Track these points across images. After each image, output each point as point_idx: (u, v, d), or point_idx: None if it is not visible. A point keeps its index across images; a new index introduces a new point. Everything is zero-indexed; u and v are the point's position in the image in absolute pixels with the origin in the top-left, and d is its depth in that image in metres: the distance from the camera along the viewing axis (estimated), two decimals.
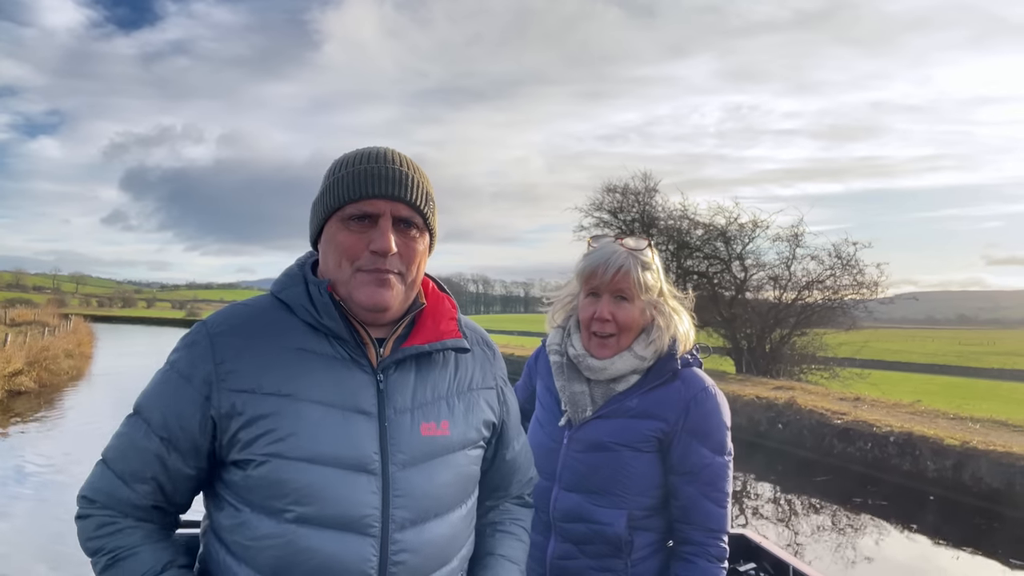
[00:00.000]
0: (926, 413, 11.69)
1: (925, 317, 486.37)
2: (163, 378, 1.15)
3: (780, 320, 20.03)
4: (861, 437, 10.43)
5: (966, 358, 35.25)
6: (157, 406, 1.13)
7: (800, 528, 8.13)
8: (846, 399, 13.29)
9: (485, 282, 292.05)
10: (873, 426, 10.44)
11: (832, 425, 11.01)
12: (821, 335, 19.88)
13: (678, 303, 1.76)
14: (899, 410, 12.04)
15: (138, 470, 1.12)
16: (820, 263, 19.84)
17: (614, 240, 1.73)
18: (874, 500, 8.98)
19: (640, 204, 23.70)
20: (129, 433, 1.15)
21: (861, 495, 9.14)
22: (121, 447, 1.15)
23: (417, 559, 1.12)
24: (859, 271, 19.33)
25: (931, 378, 23.79)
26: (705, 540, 1.63)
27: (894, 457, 9.78)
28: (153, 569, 1.09)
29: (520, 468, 1.40)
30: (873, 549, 7.42)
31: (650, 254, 1.72)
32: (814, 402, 12.40)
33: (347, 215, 1.14)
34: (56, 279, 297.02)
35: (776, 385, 15.16)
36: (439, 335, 1.22)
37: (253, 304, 1.20)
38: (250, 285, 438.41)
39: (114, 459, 1.15)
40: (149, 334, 48.86)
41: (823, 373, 19.46)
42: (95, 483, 1.15)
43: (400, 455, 1.13)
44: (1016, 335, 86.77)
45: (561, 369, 1.77)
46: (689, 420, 1.65)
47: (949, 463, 9.02)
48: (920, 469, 9.36)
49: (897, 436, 9.91)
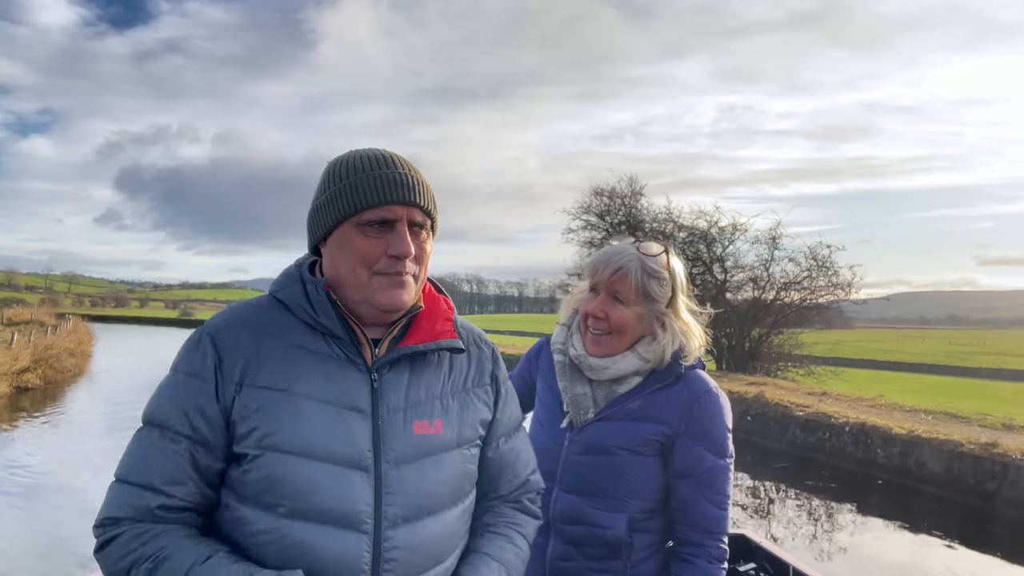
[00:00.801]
0: (884, 406, 12.51)
1: (917, 317, 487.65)
2: (171, 382, 1.15)
3: (759, 319, 20.86)
4: (820, 427, 11.24)
5: (956, 358, 35.72)
6: (174, 408, 1.12)
7: (749, 504, 8.92)
8: (813, 394, 14.11)
9: (479, 282, 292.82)
10: (832, 417, 11.26)
11: (795, 417, 11.82)
12: (797, 334, 20.74)
13: (692, 318, 1.72)
14: (860, 403, 12.86)
15: (170, 474, 1.10)
16: (797, 265, 20.70)
17: (632, 242, 1.71)
18: (825, 483, 9.79)
19: (626, 207, 24.52)
20: (147, 443, 1.12)
21: (814, 479, 9.95)
22: (142, 458, 1.12)
23: (411, 556, 1.13)
24: (834, 272, 20.19)
25: (920, 377, 24.27)
26: (705, 541, 1.63)
27: (849, 445, 10.59)
28: (199, 557, 1.05)
29: (509, 468, 1.36)
30: (814, 525, 8.21)
31: (663, 261, 1.68)
32: (781, 396, 13.22)
33: (364, 220, 1.15)
34: (49, 279, 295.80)
35: (750, 381, 15.95)
36: (434, 335, 1.24)
37: (252, 304, 1.23)
38: (244, 285, 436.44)
39: (134, 472, 1.11)
40: (143, 334, 49.20)
41: (799, 370, 20.31)
42: (116, 502, 1.10)
43: (392, 453, 1.14)
44: (1007, 335, 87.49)
45: (564, 370, 1.76)
46: (692, 423, 1.64)
47: (896, 450, 9.83)
48: (871, 456, 10.16)
49: (852, 426, 10.73)
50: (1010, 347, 48.05)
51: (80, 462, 10.29)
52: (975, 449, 8.89)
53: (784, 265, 20.91)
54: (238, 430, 1.10)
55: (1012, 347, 47.99)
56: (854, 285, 20.12)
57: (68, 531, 7.12)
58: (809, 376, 19.80)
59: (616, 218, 24.39)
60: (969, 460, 8.79)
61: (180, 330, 74.58)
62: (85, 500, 7.93)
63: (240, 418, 1.10)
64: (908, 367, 30.05)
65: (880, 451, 10.07)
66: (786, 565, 2.21)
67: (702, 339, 1.72)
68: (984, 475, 8.57)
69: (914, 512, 8.48)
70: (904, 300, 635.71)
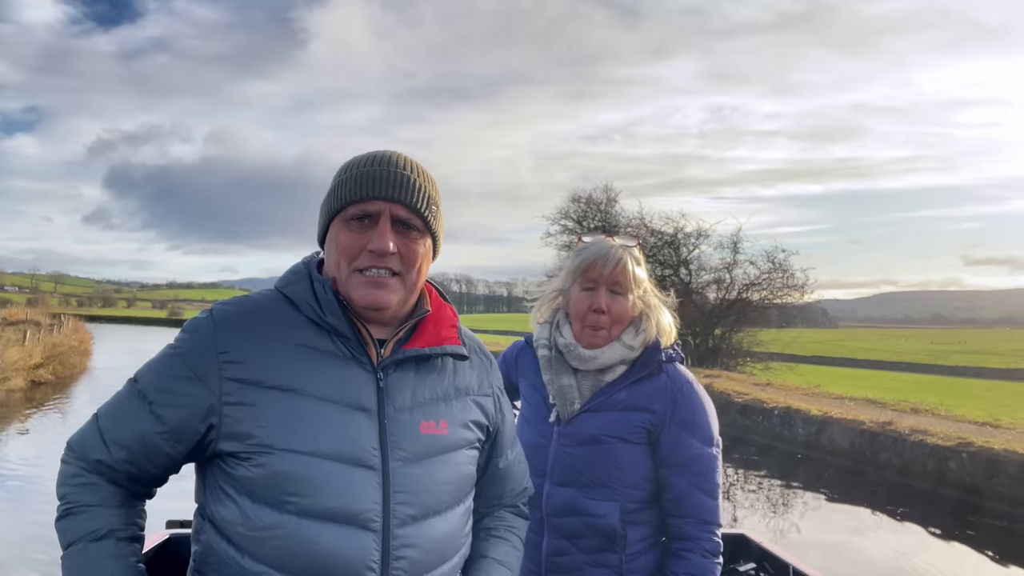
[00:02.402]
0: (816, 394, 14.19)
1: (903, 316, 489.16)
2: (165, 356, 1.18)
3: (722, 318, 22.52)
4: (755, 411, 12.89)
5: (934, 356, 35.95)
6: (153, 380, 1.15)
7: None
8: (759, 384, 15.78)
9: (468, 282, 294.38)
10: (765, 403, 12.92)
11: (735, 403, 13.46)
12: (754, 333, 22.47)
13: (660, 301, 1.81)
14: (796, 392, 14.53)
15: (119, 433, 1.14)
16: (757, 267, 22.41)
17: (605, 237, 1.78)
18: (748, 457, 11.45)
19: (602, 213, 26.14)
20: (123, 397, 1.17)
21: (739, 453, 11.58)
22: (113, 408, 1.18)
23: (419, 554, 1.14)
24: (789, 275, 21.93)
25: (897, 375, 25.02)
26: (698, 534, 1.65)
27: (777, 426, 12.23)
28: (96, 532, 1.10)
29: (513, 477, 1.41)
30: (740, 490, 9.79)
31: (638, 251, 1.78)
32: (729, 386, 14.86)
33: (348, 216, 1.18)
34: (35, 278, 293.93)
35: (707, 374, 17.56)
36: (440, 340, 1.25)
37: (258, 298, 1.23)
38: (232, 284, 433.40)
39: (103, 416, 1.18)
40: (133, 333, 49.67)
41: (757, 365, 21.99)
42: (82, 435, 1.18)
43: (401, 451, 1.16)
44: (988, 334, 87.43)
45: (549, 363, 1.79)
46: (677, 411, 1.68)
47: (813, 429, 11.47)
48: (794, 435, 11.80)
49: (780, 410, 12.38)
50: (990, 346, 48.09)
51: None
52: (873, 427, 10.53)
53: (745, 268, 22.64)
54: (238, 427, 1.11)
55: (991, 346, 48.10)
56: (808, 286, 21.90)
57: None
58: (767, 371, 21.45)
59: (593, 223, 25.99)
60: (868, 436, 10.44)
61: (170, 329, 75.30)
62: None
63: (241, 416, 1.11)
64: (887, 365, 30.63)
65: (800, 430, 11.70)
66: (786, 565, 2.22)
67: (672, 320, 1.80)
68: (879, 448, 10.21)
69: (823, 480, 10.11)
70: (891, 300, 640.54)
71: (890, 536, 7.91)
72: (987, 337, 71.12)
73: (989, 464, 8.71)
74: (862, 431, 10.62)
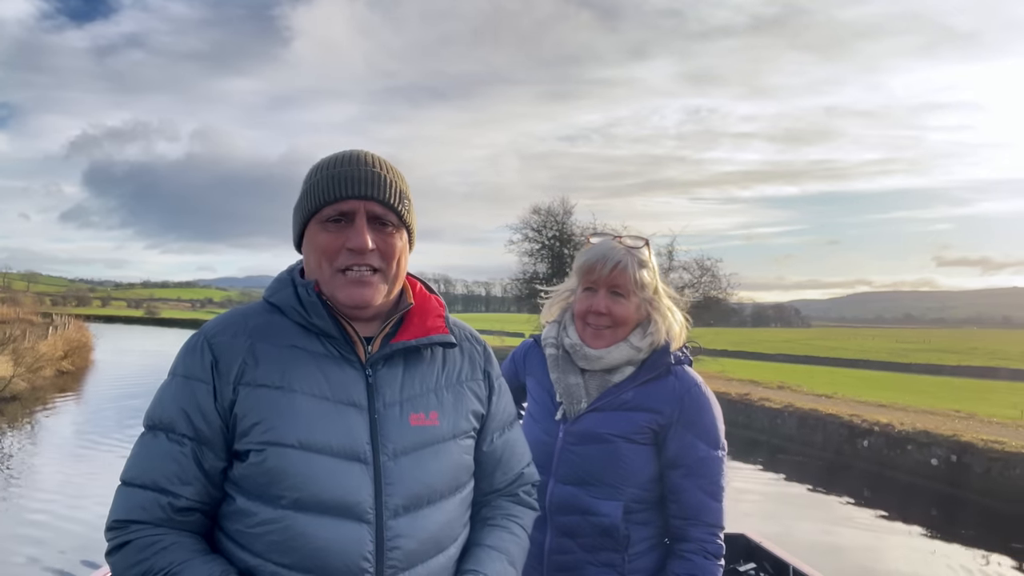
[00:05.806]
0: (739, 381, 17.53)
1: (875, 316, 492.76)
2: (171, 385, 1.19)
3: None
4: None
5: (895, 354, 36.67)
6: (176, 411, 1.16)
7: None
8: None
9: (447, 281, 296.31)
10: None
11: None
12: None
13: (672, 302, 1.80)
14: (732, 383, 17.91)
15: (176, 474, 1.13)
16: (690, 273, 26.01)
17: (613, 238, 1.78)
18: None
19: (558, 223, 29.50)
20: (152, 447, 1.16)
21: None
22: (147, 461, 1.15)
23: (413, 544, 1.16)
24: (716, 279, 25.58)
25: (853, 372, 26.54)
26: (702, 536, 1.66)
27: None
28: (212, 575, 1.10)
29: (503, 462, 1.39)
30: None
31: (647, 253, 1.76)
32: None
33: (324, 217, 1.20)
34: (7, 277, 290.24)
35: None
36: (426, 331, 1.27)
37: (247, 309, 1.26)
38: (208, 284, 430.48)
39: (142, 475, 1.15)
40: (111, 331, 50.09)
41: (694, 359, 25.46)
42: (125, 504, 1.14)
43: (390, 445, 1.18)
44: (954, 333, 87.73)
45: (556, 362, 1.80)
46: (684, 413, 1.69)
47: None
48: None
49: None
50: (951, 344, 48.36)
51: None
52: (735, 397, 13.96)
53: (680, 273, 26.22)
54: (239, 427, 1.14)
55: (952, 344, 48.41)
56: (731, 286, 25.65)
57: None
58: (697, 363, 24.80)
59: (550, 232, 29.37)
60: (725, 402, 13.83)
61: (147, 328, 76.21)
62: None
63: (240, 416, 1.14)
64: (845, 363, 31.77)
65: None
66: (786, 565, 2.23)
67: (683, 323, 1.79)
68: (736, 412, 13.60)
69: (775, 462, 11.92)
70: (865, 300, 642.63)
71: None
72: (951, 336, 70.99)
73: (800, 420, 12.25)
74: (729, 400, 14.01)
